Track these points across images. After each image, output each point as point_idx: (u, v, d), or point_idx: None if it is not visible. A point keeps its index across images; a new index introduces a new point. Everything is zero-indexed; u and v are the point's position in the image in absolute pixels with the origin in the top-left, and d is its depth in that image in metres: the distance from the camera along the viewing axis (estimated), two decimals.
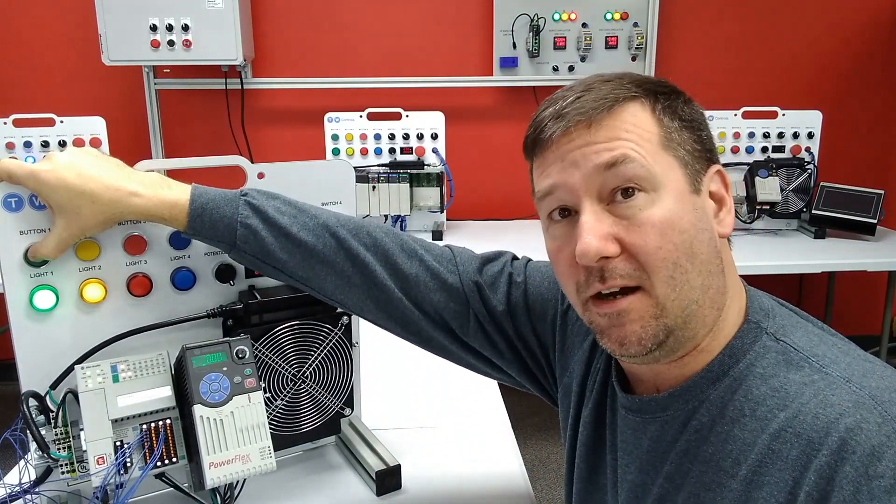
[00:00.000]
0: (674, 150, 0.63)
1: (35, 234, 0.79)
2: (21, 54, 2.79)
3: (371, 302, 0.84)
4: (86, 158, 0.78)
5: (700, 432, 0.63)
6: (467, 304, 0.84)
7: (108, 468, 0.73)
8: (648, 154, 0.61)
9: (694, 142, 0.64)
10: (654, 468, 0.67)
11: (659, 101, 0.64)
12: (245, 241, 0.80)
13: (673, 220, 0.60)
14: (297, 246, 0.81)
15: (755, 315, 0.65)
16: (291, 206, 0.83)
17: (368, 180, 2.44)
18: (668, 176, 0.61)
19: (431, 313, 0.85)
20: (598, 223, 0.61)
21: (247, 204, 0.81)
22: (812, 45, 2.94)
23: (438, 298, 0.84)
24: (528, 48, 2.78)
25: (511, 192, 3.00)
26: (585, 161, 0.62)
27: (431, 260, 0.85)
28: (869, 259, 2.28)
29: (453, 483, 0.97)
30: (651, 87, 0.65)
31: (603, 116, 0.62)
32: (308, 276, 0.83)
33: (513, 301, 0.84)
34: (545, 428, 2.73)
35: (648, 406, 0.67)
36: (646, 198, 0.61)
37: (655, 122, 0.63)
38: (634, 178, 0.60)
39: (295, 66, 2.86)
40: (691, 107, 0.67)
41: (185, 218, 0.79)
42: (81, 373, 0.76)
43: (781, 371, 0.60)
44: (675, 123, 0.64)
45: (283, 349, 0.93)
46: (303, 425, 0.97)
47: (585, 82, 0.65)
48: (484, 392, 1.26)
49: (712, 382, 0.63)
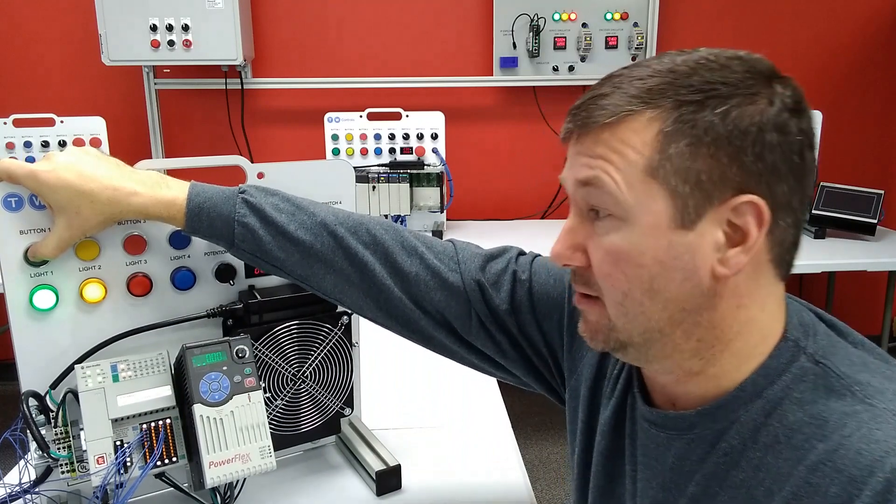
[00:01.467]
0: (664, 178, 0.56)
1: (35, 234, 0.79)
2: (21, 54, 2.79)
3: (370, 301, 0.83)
4: (85, 158, 0.78)
5: (730, 455, 0.60)
6: (469, 303, 0.82)
7: (108, 468, 0.73)
8: (625, 180, 0.57)
9: (713, 166, 0.55)
10: (677, 487, 0.64)
11: (682, 114, 0.55)
12: (243, 239, 0.80)
13: (631, 254, 0.58)
14: (294, 244, 0.81)
15: (794, 332, 0.61)
16: (290, 202, 0.83)
17: (368, 180, 2.44)
18: (644, 207, 0.56)
19: (432, 312, 0.83)
20: (570, 232, 0.62)
21: (244, 202, 0.80)
22: (812, 45, 2.95)
23: (439, 297, 0.82)
24: (528, 48, 2.78)
25: (511, 192, 3.00)
26: (571, 171, 0.61)
27: (433, 258, 0.83)
28: (869, 259, 2.28)
29: (453, 483, 0.97)
30: (684, 93, 0.56)
31: (598, 130, 0.58)
32: (307, 274, 0.83)
33: (517, 300, 0.82)
34: (545, 428, 2.73)
35: (674, 422, 0.64)
36: (612, 224, 0.58)
37: (653, 144, 0.56)
38: (601, 204, 0.59)
39: (295, 66, 2.86)
40: (742, 119, 0.55)
41: (183, 217, 0.79)
42: (81, 372, 0.76)
43: (821, 398, 0.57)
44: (685, 147, 0.55)
45: (282, 349, 0.93)
46: (303, 425, 0.97)
47: (614, 77, 0.60)
48: (484, 392, 1.26)
49: (744, 403, 0.60)
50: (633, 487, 0.71)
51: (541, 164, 2.98)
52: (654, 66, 0.58)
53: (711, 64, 0.57)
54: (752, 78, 0.56)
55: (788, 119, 0.56)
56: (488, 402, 1.22)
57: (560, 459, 2.54)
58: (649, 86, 0.57)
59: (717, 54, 0.58)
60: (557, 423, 2.76)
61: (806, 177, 0.58)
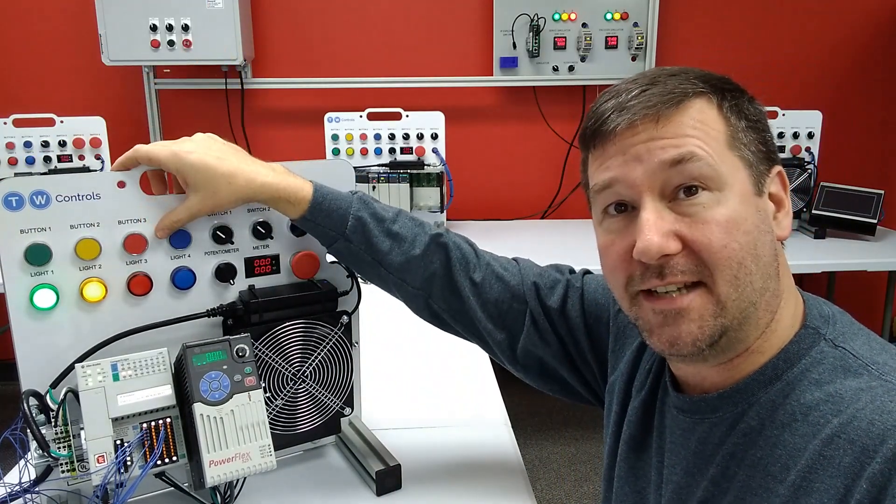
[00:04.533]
0: (739, 149, 0.61)
1: (35, 233, 0.79)
2: (21, 54, 2.79)
3: (447, 293, 0.89)
4: (219, 142, 0.85)
5: (748, 435, 0.61)
6: (525, 303, 0.89)
7: (108, 467, 0.73)
8: (715, 153, 0.60)
9: (758, 142, 0.63)
10: (699, 470, 0.65)
11: (726, 99, 0.62)
12: (354, 231, 0.86)
13: (738, 220, 0.59)
14: (397, 241, 0.88)
15: (814, 321, 0.63)
16: (391, 207, 0.91)
17: (368, 180, 2.44)
18: (734, 176, 0.60)
19: (494, 314, 0.90)
20: (660, 220, 0.60)
21: (359, 199, 0.88)
22: (812, 45, 2.95)
23: (501, 298, 0.89)
24: (528, 48, 2.78)
25: (511, 192, 3.00)
26: (650, 156, 0.60)
27: (497, 266, 0.91)
28: (869, 259, 2.28)
29: (453, 483, 0.97)
30: (717, 84, 0.63)
31: (671, 111, 0.60)
32: (403, 268, 0.88)
33: (569, 304, 0.88)
34: (545, 428, 2.73)
35: (699, 406, 0.66)
36: (710, 196, 0.60)
37: (722, 120, 0.61)
38: (700, 177, 0.59)
39: (295, 66, 2.86)
40: (755, 106, 0.65)
41: (306, 204, 0.85)
42: (81, 371, 0.76)
43: (838, 377, 0.58)
44: (742, 123, 0.62)
45: (283, 348, 0.93)
46: (303, 425, 0.97)
47: (649, 75, 0.64)
48: (484, 392, 1.26)
49: (764, 385, 0.61)
50: (658, 477, 0.72)
51: (541, 164, 2.99)
52: (669, 71, 0.64)
53: (707, 72, 0.65)
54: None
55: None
56: (488, 402, 1.22)
57: (560, 459, 2.54)
58: (688, 79, 0.62)
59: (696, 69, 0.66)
60: (557, 423, 2.76)
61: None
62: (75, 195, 0.81)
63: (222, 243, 0.90)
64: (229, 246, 0.91)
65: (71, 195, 0.81)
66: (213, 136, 0.86)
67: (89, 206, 0.82)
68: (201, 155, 0.81)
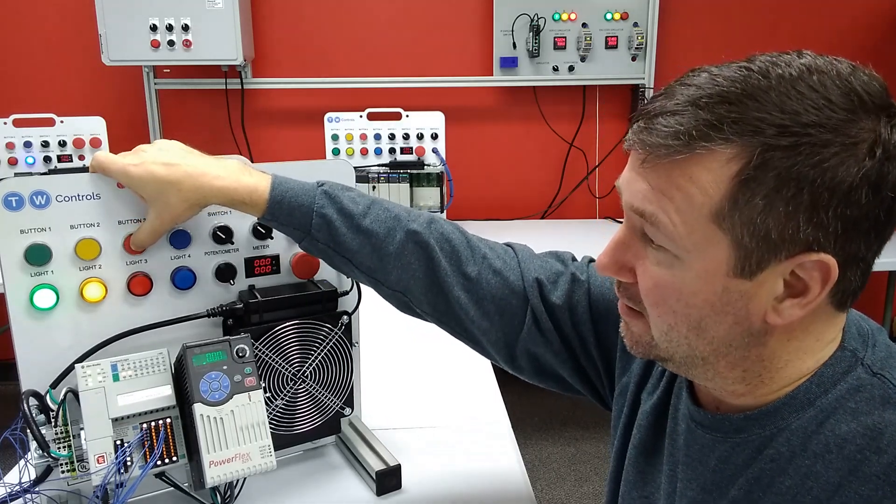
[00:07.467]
0: (730, 227, 0.52)
1: (35, 233, 0.79)
2: (21, 54, 2.79)
3: (430, 296, 0.84)
4: (171, 149, 0.81)
5: (777, 462, 0.58)
6: (526, 300, 0.83)
7: (108, 467, 0.73)
8: (686, 222, 0.53)
9: (786, 224, 0.50)
10: (718, 490, 0.63)
11: (766, 160, 0.49)
12: (319, 229, 0.82)
13: (682, 292, 0.55)
14: (367, 237, 0.82)
15: (851, 342, 0.59)
16: (365, 197, 0.85)
17: (368, 180, 2.44)
18: (703, 252, 0.53)
19: (491, 312, 0.84)
20: (618, 248, 0.60)
21: (324, 193, 0.82)
22: (812, 45, 2.92)
23: (499, 295, 0.83)
24: (528, 48, 2.78)
25: (511, 192, 3.00)
26: (630, 187, 0.58)
27: (495, 258, 0.85)
28: None
29: (453, 483, 0.97)
30: (772, 134, 0.49)
31: (666, 163, 0.53)
32: (375, 267, 0.83)
33: (574, 299, 0.83)
34: (545, 428, 2.72)
35: (721, 425, 0.63)
36: (664, 257, 0.55)
37: (726, 188, 0.51)
38: (655, 240, 0.56)
39: (295, 66, 2.86)
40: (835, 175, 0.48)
41: (264, 204, 0.81)
42: (81, 372, 0.76)
43: (876, 409, 0.54)
44: (760, 200, 0.50)
45: (283, 348, 0.93)
46: (303, 425, 0.97)
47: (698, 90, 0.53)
48: (484, 392, 1.25)
49: (795, 411, 0.58)
50: (669, 486, 0.70)
51: (541, 164, 2.98)
52: (739, 74, 0.52)
53: (812, 94, 0.50)
54: (854, 117, 0.49)
55: (888, 171, 0.50)
56: (488, 402, 1.22)
57: (560, 459, 2.54)
58: (731, 110, 0.50)
59: (820, 74, 0.51)
60: (557, 423, 2.76)
61: (886, 229, 0.53)
62: (75, 195, 0.81)
63: (222, 243, 0.90)
64: (229, 246, 0.91)
65: (71, 195, 0.81)
66: (174, 142, 0.83)
67: (89, 206, 0.82)
68: (147, 166, 0.78)
